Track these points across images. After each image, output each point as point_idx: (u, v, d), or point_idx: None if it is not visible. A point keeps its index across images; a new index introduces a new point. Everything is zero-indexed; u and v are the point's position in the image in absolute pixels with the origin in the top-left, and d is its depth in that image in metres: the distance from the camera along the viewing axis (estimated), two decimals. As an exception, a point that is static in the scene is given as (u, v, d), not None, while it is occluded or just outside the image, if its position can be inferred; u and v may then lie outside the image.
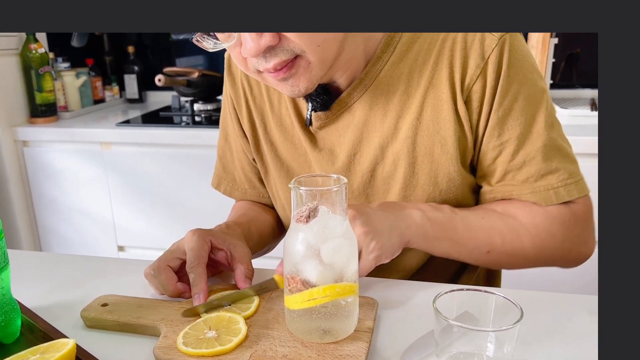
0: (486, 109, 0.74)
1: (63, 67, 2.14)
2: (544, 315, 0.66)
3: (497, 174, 0.78)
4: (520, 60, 0.74)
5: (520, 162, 0.76)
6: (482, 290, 0.57)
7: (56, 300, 0.72)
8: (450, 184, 0.78)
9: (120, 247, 2.00)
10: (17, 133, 1.93)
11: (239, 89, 0.90)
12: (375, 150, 0.80)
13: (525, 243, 0.76)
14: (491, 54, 0.72)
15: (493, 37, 0.72)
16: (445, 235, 0.74)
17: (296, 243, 0.57)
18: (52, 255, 0.90)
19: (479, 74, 0.73)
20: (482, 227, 0.76)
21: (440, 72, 0.74)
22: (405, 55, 0.76)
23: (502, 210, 0.78)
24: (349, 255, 0.58)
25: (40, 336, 0.62)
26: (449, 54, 0.74)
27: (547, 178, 0.76)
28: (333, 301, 0.57)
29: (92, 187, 1.93)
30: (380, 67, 0.77)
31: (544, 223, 0.76)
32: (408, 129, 0.77)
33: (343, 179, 0.56)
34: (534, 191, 0.76)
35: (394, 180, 0.80)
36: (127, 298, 0.69)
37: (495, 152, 0.76)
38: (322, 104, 0.79)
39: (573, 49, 1.99)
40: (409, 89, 0.76)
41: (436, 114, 0.76)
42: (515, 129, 0.74)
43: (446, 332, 0.54)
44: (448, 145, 0.76)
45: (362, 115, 0.79)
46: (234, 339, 0.58)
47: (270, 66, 0.66)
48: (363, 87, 0.78)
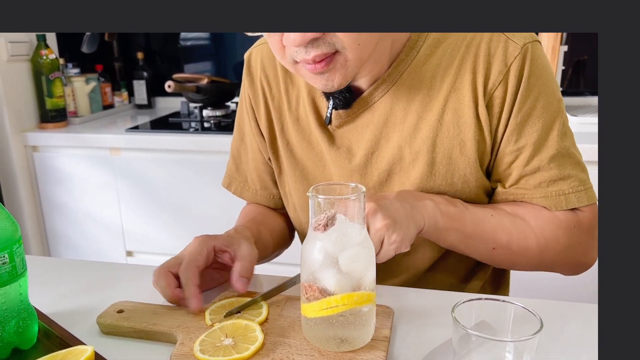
0: (506, 115, 0.76)
1: (73, 72, 2.16)
2: (562, 325, 0.65)
3: (511, 178, 0.79)
4: (540, 69, 0.75)
5: (535, 167, 0.77)
6: (500, 299, 0.57)
7: (71, 306, 0.73)
8: (465, 185, 0.80)
9: (128, 252, 2.00)
10: (27, 138, 1.94)
11: (258, 89, 0.90)
12: (393, 150, 0.81)
13: (531, 244, 0.78)
14: (514, 61, 0.74)
15: (516, 45, 0.74)
16: (454, 227, 0.77)
17: (314, 251, 0.57)
18: (64, 261, 0.91)
19: (501, 80, 0.75)
20: (491, 223, 0.78)
21: (463, 77, 0.76)
22: (428, 58, 0.78)
23: (511, 210, 0.80)
24: (366, 263, 0.58)
25: (57, 342, 0.62)
26: (473, 59, 0.75)
27: (558, 184, 0.78)
28: (350, 310, 0.57)
29: (101, 192, 1.94)
30: (404, 68, 0.78)
31: (551, 227, 0.78)
32: (428, 130, 0.78)
33: (361, 188, 0.57)
34: (545, 196, 0.78)
35: (410, 180, 0.81)
36: (142, 305, 0.69)
37: (511, 157, 0.78)
38: (344, 101, 0.80)
39: (580, 56, 1.99)
40: (431, 91, 0.78)
41: (457, 117, 0.77)
42: (532, 135, 0.76)
43: (464, 341, 0.54)
44: (467, 148, 0.78)
45: (383, 114, 0.80)
46: (251, 347, 0.58)
47: (310, 57, 0.67)
48: (385, 87, 0.79)
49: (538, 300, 0.70)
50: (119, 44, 2.41)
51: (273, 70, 0.89)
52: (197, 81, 2.00)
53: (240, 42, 2.35)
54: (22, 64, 1.95)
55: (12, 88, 1.90)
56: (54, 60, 1.98)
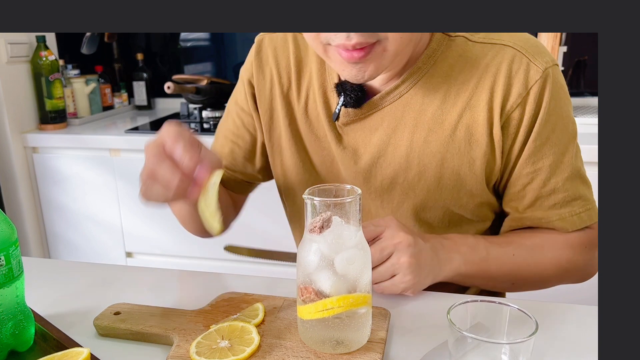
0: (522, 137, 0.76)
1: (73, 74, 2.16)
2: (559, 326, 0.65)
3: (526, 200, 0.80)
4: (559, 93, 0.76)
5: (550, 189, 0.79)
6: (496, 301, 0.57)
7: (68, 308, 0.73)
8: (470, 201, 0.81)
9: (128, 253, 2.00)
10: (26, 139, 1.94)
11: (266, 74, 0.89)
12: (400, 159, 0.80)
13: (549, 273, 0.80)
14: (534, 85, 0.74)
15: (538, 69, 0.74)
16: (478, 275, 0.77)
17: (310, 253, 0.57)
18: (62, 262, 0.91)
19: (519, 102, 0.75)
20: (513, 263, 0.78)
21: (480, 95, 0.76)
22: (445, 70, 0.77)
23: (529, 243, 0.80)
24: (362, 265, 0.58)
25: (53, 344, 0.62)
26: (492, 79, 0.75)
27: (571, 204, 0.79)
28: (346, 312, 0.57)
29: (101, 193, 1.94)
30: (418, 78, 0.78)
31: (567, 253, 0.81)
32: (439, 145, 0.78)
33: (357, 190, 0.57)
34: (561, 218, 0.80)
35: (415, 191, 0.81)
36: (139, 306, 0.69)
37: (527, 179, 0.79)
38: (355, 100, 0.79)
39: (580, 56, 1.99)
40: (445, 104, 0.77)
41: (470, 135, 0.77)
42: (549, 157, 0.77)
43: (460, 343, 0.54)
44: (476, 167, 0.78)
45: (393, 120, 0.80)
46: (247, 349, 0.58)
47: (351, 43, 0.66)
48: (398, 93, 0.79)
49: (534, 302, 0.70)
50: (118, 45, 2.42)
51: (285, 60, 0.88)
52: (197, 82, 2.00)
53: (240, 43, 2.35)
54: (21, 65, 1.95)
55: (11, 89, 1.90)
56: (53, 62, 1.98)
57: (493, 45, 0.76)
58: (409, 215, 0.84)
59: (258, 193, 1.06)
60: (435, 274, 0.72)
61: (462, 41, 0.77)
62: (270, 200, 1.80)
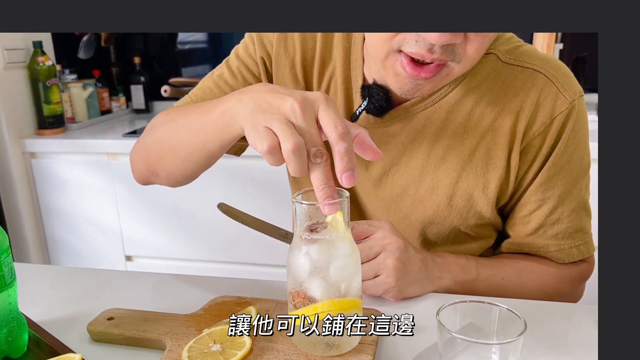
0: (537, 165, 0.76)
1: (70, 78, 2.17)
2: (548, 326, 0.65)
3: (530, 226, 0.80)
4: (581, 125, 0.77)
5: (555, 219, 0.79)
6: (485, 301, 0.57)
7: (62, 314, 0.73)
8: (478, 221, 0.81)
9: (128, 257, 2.01)
10: (25, 145, 1.95)
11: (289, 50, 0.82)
12: (414, 171, 0.80)
13: (534, 297, 0.79)
14: (559, 115, 0.74)
15: (565, 100, 0.74)
16: (465, 293, 0.77)
17: (299, 258, 0.57)
18: (57, 268, 0.91)
19: (542, 130, 0.75)
20: (500, 286, 0.78)
21: (504, 119, 0.75)
22: (473, 89, 0.76)
23: (521, 267, 0.80)
24: (353, 270, 0.58)
25: (47, 351, 0.62)
26: (519, 104, 0.75)
27: (572, 236, 0.80)
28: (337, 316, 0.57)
29: (100, 197, 1.94)
30: (445, 93, 0.77)
31: (555, 282, 0.81)
32: (456, 163, 0.77)
33: (345, 193, 0.57)
34: (559, 249, 0.80)
35: (424, 205, 0.80)
36: (132, 311, 0.69)
37: (534, 206, 0.79)
38: (378, 109, 0.77)
39: (579, 53, 1.99)
40: (468, 123, 0.77)
41: (488, 157, 0.77)
42: (559, 187, 0.77)
43: (450, 344, 0.54)
44: (489, 189, 0.78)
45: (413, 131, 0.79)
46: (239, 353, 0.58)
47: (431, 57, 0.63)
48: (423, 106, 0.78)
49: (523, 301, 0.71)
50: (115, 49, 2.42)
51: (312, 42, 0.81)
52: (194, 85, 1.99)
53: (237, 45, 2.35)
54: (18, 71, 1.95)
55: (9, 95, 1.91)
56: (50, 67, 1.99)
57: (524, 70, 0.75)
58: (415, 228, 0.83)
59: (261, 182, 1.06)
60: (423, 286, 0.72)
61: (493, 59, 0.76)
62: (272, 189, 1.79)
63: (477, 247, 0.85)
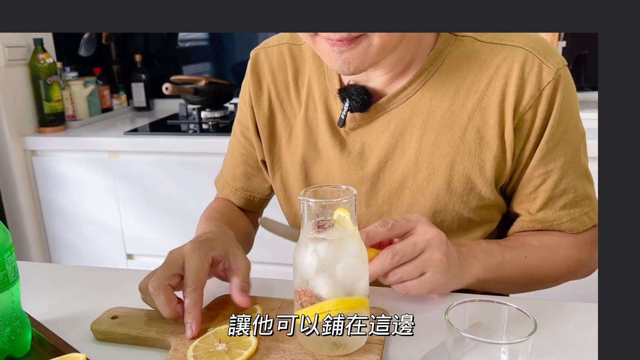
0: (534, 139, 0.76)
1: (71, 76, 2.16)
2: (558, 325, 0.65)
3: (538, 201, 0.80)
4: (570, 94, 0.76)
5: (562, 190, 0.78)
6: (494, 301, 0.57)
7: (66, 313, 0.72)
8: (480, 203, 0.80)
9: (129, 255, 2.00)
10: (25, 142, 1.94)
11: (264, 89, 0.89)
12: (409, 162, 0.79)
13: (561, 272, 0.81)
14: (546, 86, 0.74)
15: (550, 70, 0.74)
16: (495, 279, 0.76)
17: (306, 257, 0.57)
18: (60, 266, 0.91)
19: (532, 104, 0.74)
20: (526, 266, 0.78)
21: (491, 97, 0.75)
22: (453, 71, 0.76)
23: (539, 243, 0.80)
24: (360, 269, 0.57)
25: (50, 350, 0.62)
26: (504, 80, 0.74)
27: (581, 204, 0.80)
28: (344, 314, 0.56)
29: (101, 195, 1.94)
30: (426, 79, 0.77)
31: (576, 253, 0.81)
32: (449, 147, 0.77)
33: (353, 190, 0.56)
34: (571, 219, 0.80)
35: (424, 195, 0.80)
36: (137, 310, 0.69)
37: (539, 180, 0.78)
38: (361, 104, 0.78)
39: (580, 51, 1.98)
40: (453, 106, 0.76)
41: (480, 137, 0.76)
42: (561, 158, 0.77)
43: (458, 343, 0.53)
44: (486, 169, 0.77)
45: (401, 122, 0.79)
46: (244, 352, 0.57)
47: (335, 37, 0.67)
48: (405, 95, 0.78)
49: (533, 300, 0.70)
50: (116, 46, 2.41)
51: (282, 73, 0.88)
52: (195, 83, 2.00)
53: (239, 43, 2.35)
54: (19, 68, 1.95)
55: (10, 93, 1.90)
56: (51, 64, 1.98)
57: (503, 47, 0.75)
58: None
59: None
60: (459, 278, 0.71)
61: (470, 41, 0.77)
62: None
63: (482, 233, 0.84)
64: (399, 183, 0.81)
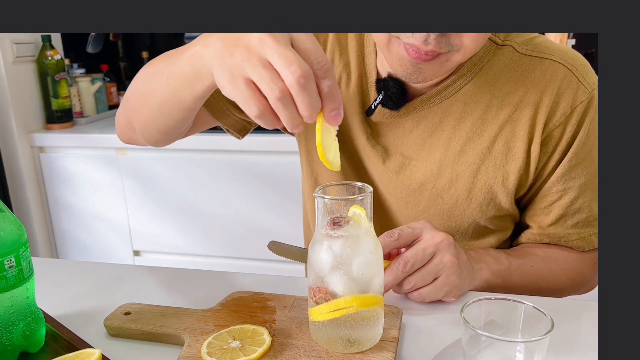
0: (558, 155, 0.76)
1: (78, 73, 2.16)
2: (574, 323, 0.64)
3: (551, 217, 0.80)
4: (596, 115, 0.76)
5: (576, 208, 0.79)
6: (510, 299, 0.56)
7: (78, 309, 0.73)
8: (497, 213, 0.80)
9: (136, 252, 2.00)
10: (33, 139, 1.95)
11: None
12: (432, 165, 0.79)
13: (564, 284, 0.81)
14: (579, 105, 0.74)
15: (585, 90, 0.74)
16: (502, 285, 0.76)
17: (321, 253, 0.56)
18: (71, 262, 0.91)
19: (562, 121, 0.74)
20: (531, 274, 0.78)
21: (524, 110, 0.75)
22: (490, 81, 0.76)
23: (545, 254, 0.81)
24: (375, 266, 0.57)
25: (64, 345, 0.62)
26: (539, 95, 0.74)
27: (592, 224, 0.80)
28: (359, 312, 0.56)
29: (108, 192, 1.94)
30: (462, 84, 0.76)
31: (579, 267, 0.82)
32: (475, 156, 0.77)
33: (368, 187, 0.56)
34: (580, 237, 0.80)
35: (443, 199, 0.80)
36: (150, 306, 0.68)
37: (555, 196, 0.78)
38: (394, 102, 0.77)
39: (588, 49, 1.97)
40: (486, 115, 0.76)
41: (507, 149, 0.76)
42: (581, 177, 0.77)
43: (474, 341, 0.53)
44: (508, 181, 0.77)
45: (431, 125, 0.78)
46: (259, 349, 0.57)
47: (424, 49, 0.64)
48: (440, 99, 0.77)
49: (548, 299, 0.70)
50: (123, 43, 2.42)
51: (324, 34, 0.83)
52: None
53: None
54: (27, 65, 1.95)
55: (17, 89, 1.91)
56: (59, 61, 1.98)
57: (542, 60, 0.75)
58: (433, 222, 0.82)
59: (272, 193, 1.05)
60: (471, 279, 0.71)
61: (510, 51, 0.76)
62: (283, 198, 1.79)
63: (495, 241, 0.84)
64: (419, 184, 0.80)
